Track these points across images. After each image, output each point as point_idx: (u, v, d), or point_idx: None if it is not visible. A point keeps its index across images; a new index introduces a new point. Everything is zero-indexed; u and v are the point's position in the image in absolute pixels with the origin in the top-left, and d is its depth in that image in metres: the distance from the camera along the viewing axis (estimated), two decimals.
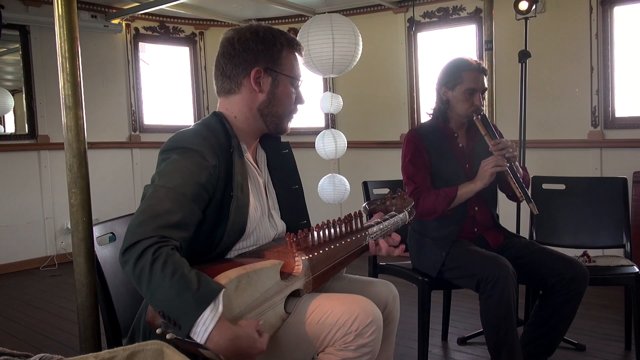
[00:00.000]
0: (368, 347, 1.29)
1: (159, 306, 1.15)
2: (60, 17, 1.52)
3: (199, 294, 1.11)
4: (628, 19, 3.90)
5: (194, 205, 1.28)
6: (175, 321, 1.12)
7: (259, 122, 1.48)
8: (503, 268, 1.96)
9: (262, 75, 1.44)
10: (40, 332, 3.10)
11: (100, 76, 5.03)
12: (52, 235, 4.78)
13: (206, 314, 1.10)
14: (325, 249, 1.36)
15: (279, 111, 1.48)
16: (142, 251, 1.15)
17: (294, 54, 1.49)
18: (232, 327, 1.13)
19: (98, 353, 0.85)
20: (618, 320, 2.87)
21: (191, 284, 1.12)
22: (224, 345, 1.11)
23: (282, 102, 1.47)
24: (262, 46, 1.43)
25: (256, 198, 1.47)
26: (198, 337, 1.10)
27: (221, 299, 1.11)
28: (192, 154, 1.32)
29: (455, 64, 2.25)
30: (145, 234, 1.18)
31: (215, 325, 1.10)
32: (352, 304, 1.31)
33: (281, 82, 1.46)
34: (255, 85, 1.44)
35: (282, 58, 1.45)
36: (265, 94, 1.45)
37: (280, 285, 1.28)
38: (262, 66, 1.43)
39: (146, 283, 1.15)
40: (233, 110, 1.48)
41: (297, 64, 1.50)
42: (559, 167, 3.97)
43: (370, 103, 5.03)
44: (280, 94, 1.47)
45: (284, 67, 1.46)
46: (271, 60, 1.44)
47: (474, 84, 2.20)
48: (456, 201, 2.15)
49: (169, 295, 1.12)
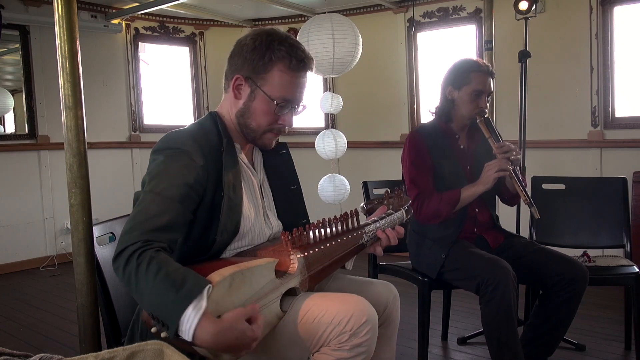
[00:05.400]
0: (363, 346, 1.28)
1: (147, 308, 1.16)
2: (60, 17, 1.52)
3: (182, 292, 1.10)
4: (628, 19, 3.90)
5: (181, 207, 1.28)
6: (163, 321, 1.12)
7: (238, 127, 1.47)
8: (503, 271, 1.95)
9: (243, 84, 1.43)
10: (40, 332, 3.10)
11: (100, 76, 5.03)
12: (52, 235, 4.78)
13: (189, 312, 1.09)
14: (321, 247, 1.36)
15: (253, 125, 1.44)
16: (128, 257, 1.18)
17: (289, 75, 1.40)
18: (215, 322, 1.11)
19: (98, 353, 0.85)
20: (618, 320, 2.86)
21: (175, 282, 1.12)
22: (210, 340, 1.10)
23: (256, 117, 1.43)
24: (250, 55, 1.40)
25: (250, 198, 1.47)
26: (185, 334, 1.10)
27: (205, 294, 1.10)
28: (179, 154, 1.33)
29: (464, 64, 2.23)
30: (131, 240, 1.20)
31: (198, 321, 1.09)
32: (347, 303, 1.30)
33: (258, 96, 1.41)
34: (233, 91, 1.44)
35: (267, 73, 1.39)
36: (242, 103, 1.44)
37: (275, 284, 1.28)
38: (243, 74, 1.42)
39: (134, 287, 1.17)
40: (224, 109, 1.49)
41: (289, 86, 1.40)
42: (559, 167, 3.97)
43: (370, 103, 5.03)
44: (255, 109, 1.42)
45: (265, 82, 1.40)
46: (254, 72, 1.40)
47: (481, 86, 2.19)
48: (459, 205, 2.15)
49: (154, 297, 1.13)
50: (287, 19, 5.35)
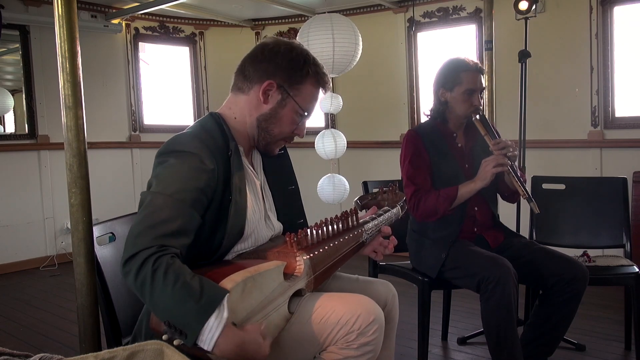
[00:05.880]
0: (370, 345, 1.30)
1: (163, 316, 1.14)
2: (60, 17, 1.52)
3: (203, 302, 1.10)
4: (628, 19, 3.90)
5: (193, 211, 1.27)
6: (181, 330, 1.11)
7: (254, 130, 1.47)
8: (504, 269, 1.95)
9: (274, 90, 1.43)
10: (40, 332, 3.10)
11: (100, 76, 5.03)
12: (52, 235, 4.78)
13: (211, 321, 1.10)
14: (325, 247, 1.37)
15: (274, 131, 1.46)
16: (143, 262, 1.15)
17: (317, 90, 1.47)
18: (239, 333, 1.13)
19: (98, 353, 0.85)
20: (618, 320, 2.86)
21: (194, 291, 1.11)
22: (232, 351, 1.11)
23: (281, 124, 1.45)
24: (287, 64, 1.42)
25: (254, 200, 1.47)
26: (205, 344, 1.10)
27: (225, 304, 1.11)
28: (190, 157, 1.31)
29: (453, 64, 2.23)
30: (144, 244, 1.17)
31: (221, 332, 1.10)
32: (355, 303, 1.31)
33: (288, 104, 1.44)
34: (262, 95, 1.43)
35: (301, 85, 1.44)
36: (268, 108, 1.44)
37: (283, 286, 1.28)
38: (277, 81, 1.42)
39: (149, 294, 1.14)
40: (235, 111, 1.47)
41: (314, 100, 1.48)
42: (559, 167, 3.97)
43: (370, 103, 5.03)
44: (282, 116, 1.45)
45: (298, 93, 1.44)
46: (288, 81, 1.43)
47: (472, 84, 2.19)
48: (457, 201, 2.15)
49: (173, 305, 1.12)
50: (287, 19, 5.35)
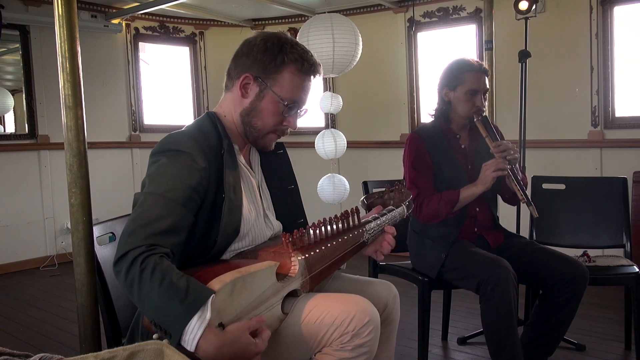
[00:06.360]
0: (365, 347, 1.28)
1: (150, 315, 1.15)
2: (60, 17, 1.52)
3: (187, 302, 1.10)
4: (628, 19, 3.90)
5: (185, 210, 1.27)
6: (165, 330, 1.11)
7: (241, 127, 1.47)
8: (503, 270, 1.95)
9: (251, 83, 1.43)
10: (40, 332, 3.10)
11: (100, 76, 5.03)
12: (52, 235, 4.78)
13: (193, 322, 1.09)
14: (321, 248, 1.35)
15: (258, 124, 1.44)
16: (132, 261, 1.16)
17: (299, 78, 1.42)
18: (220, 334, 1.11)
19: (98, 353, 0.85)
20: (618, 320, 2.86)
21: (179, 291, 1.11)
22: (212, 352, 1.10)
23: (262, 116, 1.43)
24: (262, 55, 1.41)
25: (249, 199, 1.47)
26: (187, 345, 1.10)
27: (209, 305, 1.10)
28: (181, 156, 1.31)
29: (457, 64, 2.24)
30: (134, 243, 1.18)
31: (202, 333, 1.09)
32: (349, 304, 1.30)
33: (266, 96, 1.42)
34: (240, 90, 1.43)
35: (279, 74, 1.41)
36: (248, 102, 1.44)
37: (276, 287, 1.27)
38: (253, 73, 1.42)
39: (137, 293, 1.15)
40: (225, 109, 1.48)
41: (297, 88, 1.42)
42: (559, 167, 3.97)
43: (370, 103, 5.03)
44: (263, 108, 1.43)
45: (275, 83, 1.41)
46: (264, 72, 1.41)
47: (475, 84, 2.20)
48: (458, 205, 2.15)
49: (158, 304, 1.12)
50: (287, 18, 5.34)
